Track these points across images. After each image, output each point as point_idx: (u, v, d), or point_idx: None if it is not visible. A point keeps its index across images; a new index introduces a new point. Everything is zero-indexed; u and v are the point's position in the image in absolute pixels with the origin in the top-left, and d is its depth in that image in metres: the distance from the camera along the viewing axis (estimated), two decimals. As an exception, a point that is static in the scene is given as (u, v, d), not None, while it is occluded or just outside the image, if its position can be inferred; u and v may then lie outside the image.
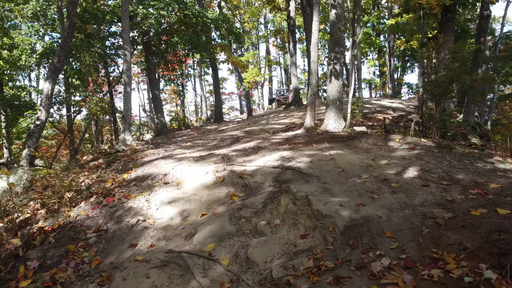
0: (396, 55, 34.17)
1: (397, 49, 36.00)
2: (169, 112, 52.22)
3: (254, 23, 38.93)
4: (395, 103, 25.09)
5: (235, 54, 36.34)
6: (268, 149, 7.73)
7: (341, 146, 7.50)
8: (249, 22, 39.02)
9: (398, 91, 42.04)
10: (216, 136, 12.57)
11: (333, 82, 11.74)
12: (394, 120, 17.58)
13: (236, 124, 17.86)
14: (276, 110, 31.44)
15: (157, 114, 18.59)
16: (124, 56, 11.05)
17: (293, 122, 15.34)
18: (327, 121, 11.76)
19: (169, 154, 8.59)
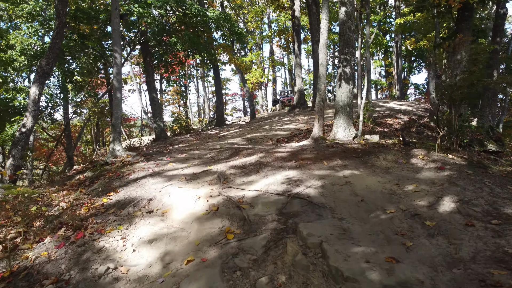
0: (403, 55, 32.97)
1: (404, 50, 34.84)
2: (172, 113, 51.29)
3: (257, 23, 37.90)
4: (404, 105, 23.95)
5: (238, 55, 35.32)
6: (272, 166, 6.66)
7: (356, 163, 6.42)
8: (253, 22, 37.97)
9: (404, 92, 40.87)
10: (215, 145, 11.52)
11: (343, 86, 10.69)
12: (405, 125, 16.47)
13: (238, 129, 16.81)
14: (280, 112, 30.37)
15: (155, 118, 17.58)
16: (113, 58, 10.02)
17: (298, 128, 14.27)
18: (336, 129, 10.71)
19: (160, 170, 7.55)
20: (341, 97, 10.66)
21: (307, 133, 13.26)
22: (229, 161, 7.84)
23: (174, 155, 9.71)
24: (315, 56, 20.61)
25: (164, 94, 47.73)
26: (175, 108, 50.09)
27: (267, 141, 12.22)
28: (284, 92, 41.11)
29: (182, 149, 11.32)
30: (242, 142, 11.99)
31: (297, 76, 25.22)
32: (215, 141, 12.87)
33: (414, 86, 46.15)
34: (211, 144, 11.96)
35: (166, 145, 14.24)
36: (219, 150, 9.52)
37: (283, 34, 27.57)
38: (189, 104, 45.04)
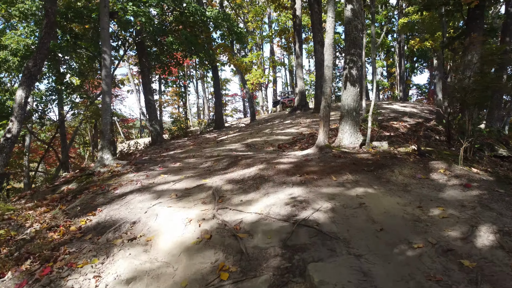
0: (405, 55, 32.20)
1: (407, 50, 34.06)
2: (171, 114, 50.52)
3: (258, 22, 37.13)
4: (408, 107, 23.16)
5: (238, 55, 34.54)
6: (273, 181, 5.89)
7: (369, 179, 5.66)
8: (253, 22, 37.21)
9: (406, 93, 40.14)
10: (212, 151, 10.77)
11: (349, 89, 9.93)
12: (412, 129, 15.71)
13: (237, 133, 16.06)
14: (281, 113, 29.61)
15: (151, 121, 16.82)
16: (102, 60, 9.25)
17: (300, 133, 13.51)
18: (342, 135, 9.95)
19: (149, 184, 6.79)
20: (347, 100, 9.90)
21: (310, 138, 12.50)
22: (226, 172, 7.08)
23: (168, 164, 8.94)
24: (317, 56, 19.87)
25: (163, 95, 46.98)
26: (174, 109, 49.32)
27: (268, 147, 11.46)
28: (285, 93, 40.34)
29: (177, 156, 10.56)
30: (241, 149, 11.24)
31: (298, 77, 24.46)
32: (213, 147, 12.12)
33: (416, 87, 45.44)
34: (208, 151, 11.20)
35: (161, 150, 13.50)
36: (216, 159, 8.76)
37: (284, 34, 26.80)
38: (188, 105, 44.27)
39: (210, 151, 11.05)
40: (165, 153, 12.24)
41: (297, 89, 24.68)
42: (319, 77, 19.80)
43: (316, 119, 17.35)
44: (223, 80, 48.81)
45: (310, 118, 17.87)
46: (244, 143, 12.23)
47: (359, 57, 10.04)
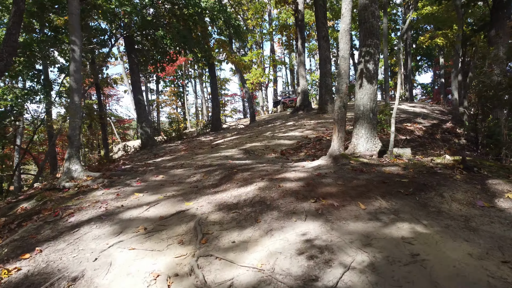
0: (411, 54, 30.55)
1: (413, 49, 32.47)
2: (169, 114, 48.91)
3: (257, 20, 35.50)
4: (417, 107, 21.48)
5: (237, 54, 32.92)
6: (278, 209, 4.28)
7: (411, 207, 4.03)
8: (253, 19, 35.59)
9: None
10: (205, 159, 9.18)
11: (365, 87, 8.34)
12: (428, 131, 14.08)
13: (235, 136, 14.45)
14: (281, 114, 27.99)
15: (141, 123, 15.21)
16: (71, 51, 7.61)
17: (305, 136, 11.91)
18: (356, 141, 8.36)
19: (116, 208, 5.16)
20: (363, 100, 8.31)
21: (317, 143, 10.89)
22: (217, 191, 5.47)
23: (149, 176, 7.31)
24: (322, 52, 18.26)
25: (161, 95, 45.41)
26: (172, 109, 47.71)
27: (269, 154, 9.86)
28: (286, 93, 38.74)
29: (164, 165, 8.96)
30: (238, 156, 9.63)
31: (300, 76, 22.85)
32: (207, 153, 10.51)
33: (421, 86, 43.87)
34: (200, 158, 9.60)
35: (149, 156, 11.91)
36: (207, 171, 7.15)
37: (285, 30, 25.10)
38: (186, 105, 42.67)
39: (202, 159, 9.44)
40: (152, 159, 10.64)
41: (299, 89, 23.07)
42: (324, 75, 18.21)
43: (321, 120, 15.76)
44: (222, 80, 47.21)
45: (315, 120, 16.26)
46: (242, 149, 10.63)
47: (376, 48, 8.43)
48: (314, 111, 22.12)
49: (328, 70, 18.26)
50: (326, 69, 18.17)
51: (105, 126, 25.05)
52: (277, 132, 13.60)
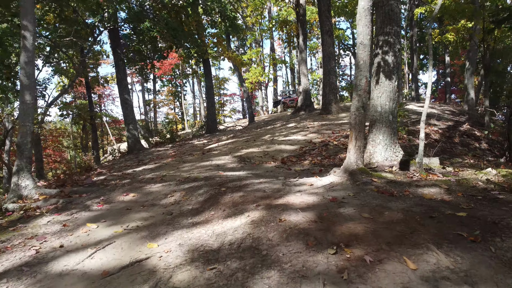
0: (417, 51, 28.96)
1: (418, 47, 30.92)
2: (166, 115, 47.40)
3: (257, 17, 33.95)
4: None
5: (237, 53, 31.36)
6: (280, 267, 2.75)
7: (488, 267, 2.52)
8: (252, 16, 34.05)
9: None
10: (192, 169, 7.70)
11: (383, 83, 6.85)
12: (445, 135, 12.56)
13: (231, 139, 12.94)
14: (282, 114, 26.48)
15: (128, 125, 13.71)
16: (22, 39, 6.09)
17: (309, 140, 10.41)
18: (373, 148, 6.89)
19: (51, 250, 3.64)
20: (380, 99, 6.84)
21: (323, 149, 9.38)
22: (196, 223, 3.98)
23: (117, 195, 5.79)
24: (325, 48, 16.75)
25: (157, 95, 43.94)
26: (170, 109, 46.21)
27: (268, 162, 8.37)
28: (286, 92, 37.23)
29: (142, 177, 7.46)
30: (232, 165, 8.13)
31: (302, 74, 21.34)
32: (196, 161, 9.01)
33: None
34: (187, 167, 8.11)
35: (132, 163, 10.43)
36: (190, 187, 5.64)
37: (286, 26, 23.53)
38: (184, 105, 41.15)
39: (189, 168, 7.94)
40: (133, 168, 9.14)
41: (300, 88, 21.56)
42: (328, 73, 16.70)
43: (326, 122, 14.25)
44: (221, 79, 45.69)
45: (318, 121, 14.75)
46: (237, 156, 9.13)
47: (397, 37, 6.94)
48: (316, 111, 20.61)
49: (333, 68, 16.75)
50: (330, 66, 16.66)
51: (95, 127, 23.57)
52: (277, 135, 12.09)
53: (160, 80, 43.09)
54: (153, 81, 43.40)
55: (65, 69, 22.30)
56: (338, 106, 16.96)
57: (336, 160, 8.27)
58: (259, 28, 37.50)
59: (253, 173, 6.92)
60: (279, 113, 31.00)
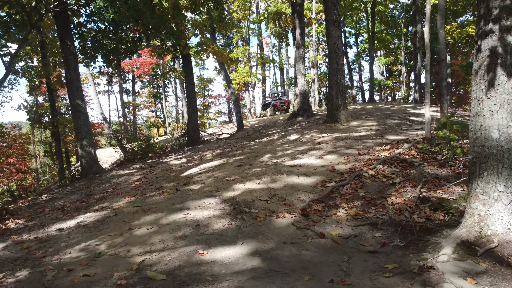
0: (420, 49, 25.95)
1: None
2: (147, 118, 43.59)
3: (244, 12, 30.56)
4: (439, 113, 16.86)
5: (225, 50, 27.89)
6: None
7: None
8: (239, 12, 30.64)
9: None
10: (151, 236, 4.27)
11: (502, 87, 3.58)
12: None
13: (217, 161, 9.49)
14: (273, 119, 23.09)
15: (81, 140, 10.17)
16: None
17: (331, 168, 7.08)
18: (487, 208, 3.60)
19: None
20: (497, 117, 3.57)
21: (358, 185, 6.05)
22: None
23: None
24: (331, 42, 13.46)
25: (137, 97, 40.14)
26: (150, 112, 42.39)
27: (280, 213, 5.07)
28: (276, 94, 33.95)
29: (56, 259, 4.03)
30: (221, 223, 4.74)
31: (298, 73, 18.04)
32: (162, 210, 5.57)
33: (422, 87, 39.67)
34: (144, 230, 4.71)
35: (71, 204, 6.96)
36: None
37: (279, 19, 20.15)
38: (166, 108, 37.42)
39: (147, 232, 4.53)
40: (62, 222, 5.65)
41: (297, 89, 18.26)
42: (335, 72, 13.42)
43: (337, 134, 10.99)
44: (205, 80, 42.12)
45: (327, 132, 11.47)
46: (228, 198, 5.73)
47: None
48: (316, 117, 17.35)
49: (340, 65, 13.48)
50: (337, 63, 13.38)
51: (58, 135, 19.81)
52: (280, 156, 8.75)
53: (140, 80, 39.30)
54: (132, 82, 39.56)
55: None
56: (347, 113, 13.70)
57: (388, 210, 4.98)
58: (246, 25, 34.08)
59: (261, 257, 3.62)
60: (269, 117, 27.68)
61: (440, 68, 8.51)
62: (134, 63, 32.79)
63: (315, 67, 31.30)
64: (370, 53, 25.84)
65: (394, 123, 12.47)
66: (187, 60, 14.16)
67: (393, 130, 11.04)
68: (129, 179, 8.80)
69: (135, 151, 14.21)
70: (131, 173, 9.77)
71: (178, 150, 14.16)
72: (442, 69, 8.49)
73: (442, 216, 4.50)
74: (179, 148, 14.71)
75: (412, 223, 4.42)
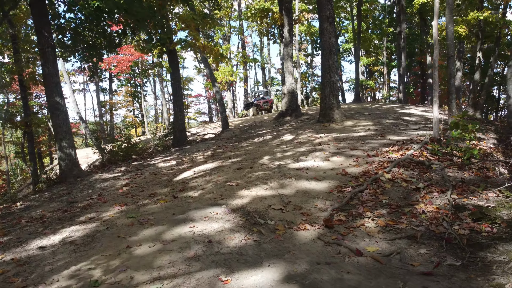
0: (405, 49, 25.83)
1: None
2: (124, 118, 42.16)
3: (226, 10, 29.79)
4: (429, 112, 16.56)
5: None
6: None
7: None
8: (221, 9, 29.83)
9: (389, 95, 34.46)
10: (155, 258, 3.54)
11: None
12: None
13: (212, 163, 8.75)
14: (258, 119, 22.41)
15: (60, 141, 9.23)
16: None
17: (342, 171, 6.47)
18: None
19: None
20: None
21: (379, 191, 5.47)
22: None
23: None
24: (325, 39, 12.94)
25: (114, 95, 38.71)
26: (128, 111, 40.98)
27: (300, 224, 4.46)
28: (258, 93, 33.34)
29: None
30: (236, 238, 4.04)
31: (287, 72, 17.47)
32: (161, 223, 4.82)
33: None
34: (146, 249, 3.93)
35: (51, 215, 6.10)
36: None
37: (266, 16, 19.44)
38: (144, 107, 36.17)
39: (150, 252, 3.77)
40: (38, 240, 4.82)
41: (285, 88, 17.68)
42: (328, 70, 12.90)
43: (335, 134, 10.45)
44: (185, 79, 41.06)
45: (324, 132, 10.92)
46: (236, 207, 5.03)
47: None
48: (304, 117, 16.83)
49: (334, 63, 12.96)
50: (331, 61, 12.86)
51: (31, 135, 18.55)
52: (280, 157, 8.10)
53: (117, 79, 37.88)
54: (109, 80, 38.06)
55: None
56: (341, 112, 13.20)
57: (421, 219, 4.41)
58: (228, 23, 33.27)
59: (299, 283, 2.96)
60: (252, 117, 27.01)
61: (449, 65, 8.07)
62: (111, 60, 31.42)
63: (298, 67, 30.84)
64: (356, 52, 25.59)
65: (390, 123, 12.04)
66: (173, 55, 13.28)
67: (392, 130, 10.58)
68: (115, 184, 7.96)
69: (117, 153, 13.26)
70: (116, 176, 8.90)
71: (163, 151, 13.29)
72: (450, 65, 8.05)
73: (489, 228, 3.95)
74: (164, 149, 13.84)
75: (455, 235, 3.86)
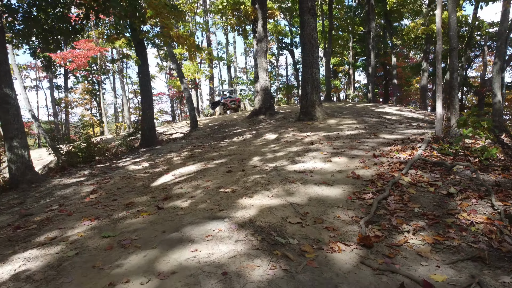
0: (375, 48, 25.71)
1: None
2: (81, 116, 39.56)
3: (191, 4, 28.45)
4: (415, 113, 16.16)
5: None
6: None
7: None
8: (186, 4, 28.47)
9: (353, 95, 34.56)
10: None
11: None
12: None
13: (194, 165, 7.62)
14: (227, 118, 21.35)
15: (10, 141, 7.75)
16: None
17: (353, 174, 5.56)
18: None
19: None
20: None
21: (405, 199, 4.62)
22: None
23: None
24: (306, 32, 12.15)
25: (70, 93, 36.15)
26: (85, 110, 38.45)
27: (331, 244, 3.60)
28: (225, 92, 32.26)
29: None
30: (260, 268, 2.99)
31: (260, 69, 16.56)
32: (152, 246, 3.70)
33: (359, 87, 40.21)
34: None
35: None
36: None
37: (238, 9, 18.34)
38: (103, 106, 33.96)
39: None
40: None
41: (258, 86, 16.77)
42: (310, 65, 12.13)
43: (322, 132, 9.66)
44: (147, 76, 39.09)
45: (310, 131, 10.09)
46: (243, 221, 4.01)
47: None
48: (279, 115, 16.02)
49: (315, 58, 12.20)
50: (313, 56, 12.09)
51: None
52: (272, 158, 7.15)
53: (74, 75, 35.36)
54: (64, 77, 35.40)
55: None
56: (323, 110, 12.46)
57: (474, 233, 3.62)
58: (193, 18, 31.87)
59: None
60: (220, 116, 25.91)
61: (452, 58, 7.45)
62: (67, 55, 29.06)
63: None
64: (327, 50, 25.16)
65: (375, 121, 11.45)
66: (142, 47, 11.93)
67: (381, 129, 9.95)
68: (80, 191, 6.65)
69: (76, 154, 11.72)
70: (79, 182, 7.55)
71: (131, 152, 11.92)
72: (453, 59, 7.44)
73: None
74: (130, 150, 12.45)
75: (532, 255, 3.08)
